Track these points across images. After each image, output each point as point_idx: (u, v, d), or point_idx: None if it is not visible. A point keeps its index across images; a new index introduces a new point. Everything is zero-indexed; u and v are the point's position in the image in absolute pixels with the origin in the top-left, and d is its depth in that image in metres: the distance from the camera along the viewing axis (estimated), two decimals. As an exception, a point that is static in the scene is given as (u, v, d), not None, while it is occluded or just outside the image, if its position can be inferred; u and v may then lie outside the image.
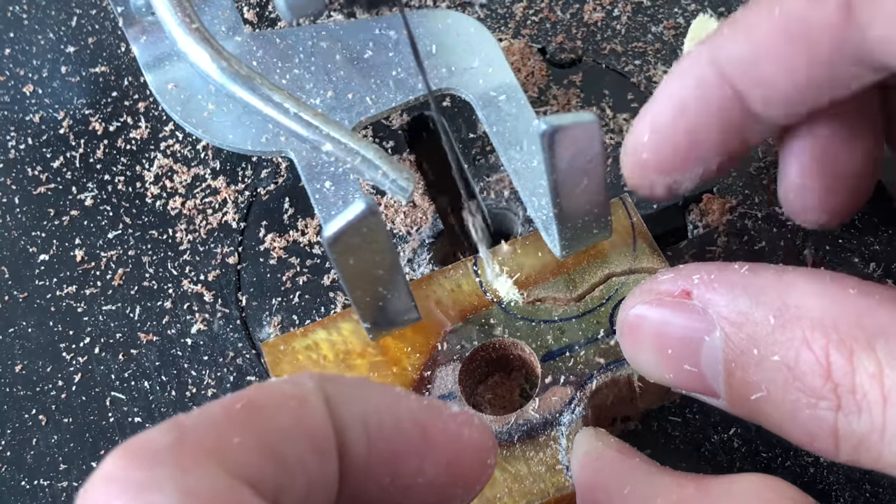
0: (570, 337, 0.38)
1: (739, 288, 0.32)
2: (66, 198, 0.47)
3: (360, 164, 0.36)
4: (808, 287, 0.31)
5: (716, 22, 0.48)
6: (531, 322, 0.38)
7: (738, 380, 0.32)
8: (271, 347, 0.39)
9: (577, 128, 0.32)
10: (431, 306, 0.39)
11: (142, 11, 0.43)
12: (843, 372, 0.29)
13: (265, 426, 0.27)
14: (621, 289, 0.38)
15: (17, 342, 0.44)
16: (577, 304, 0.38)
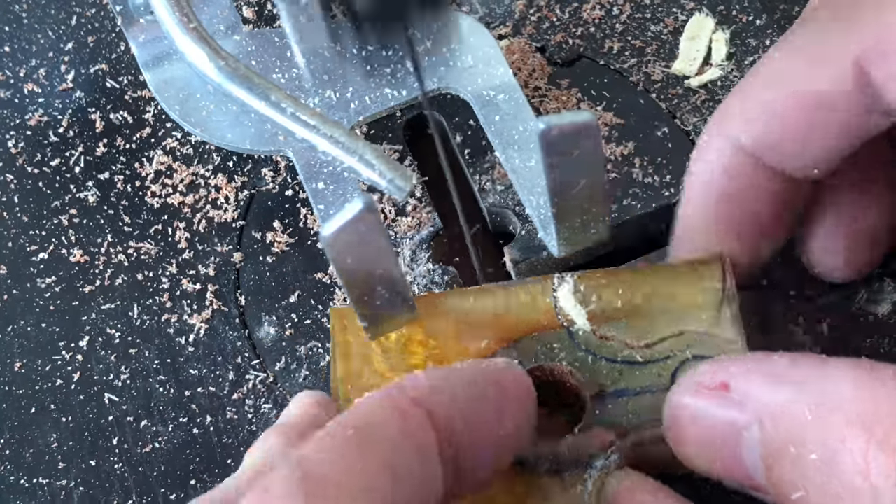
0: (627, 382, 0.36)
1: (777, 380, 0.31)
2: (65, 196, 0.47)
3: (357, 163, 0.36)
4: (846, 380, 0.30)
5: (712, 22, 0.48)
6: (594, 356, 0.37)
7: (777, 476, 0.31)
8: (339, 314, 0.38)
9: (575, 127, 0.32)
10: (501, 314, 0.38)
11: (141, 11, 0.43)
12: (883, 472, 0.28)
13: (379, 447, 0.28)
14: (692, 347, 0.37)
15: (17, 340, 0.44)
16: (643, 350, 0.37)
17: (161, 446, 0.41)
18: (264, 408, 0.41)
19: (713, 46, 0.48)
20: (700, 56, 0.47)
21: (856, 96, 0.31)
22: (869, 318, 0.40)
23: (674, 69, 0.47)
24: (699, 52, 0.47)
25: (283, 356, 0.43)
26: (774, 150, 0.35)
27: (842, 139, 0.33)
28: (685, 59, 0.47)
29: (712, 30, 0.48)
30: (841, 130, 0.33)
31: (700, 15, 0.48)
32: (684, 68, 0.47)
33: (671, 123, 0.46)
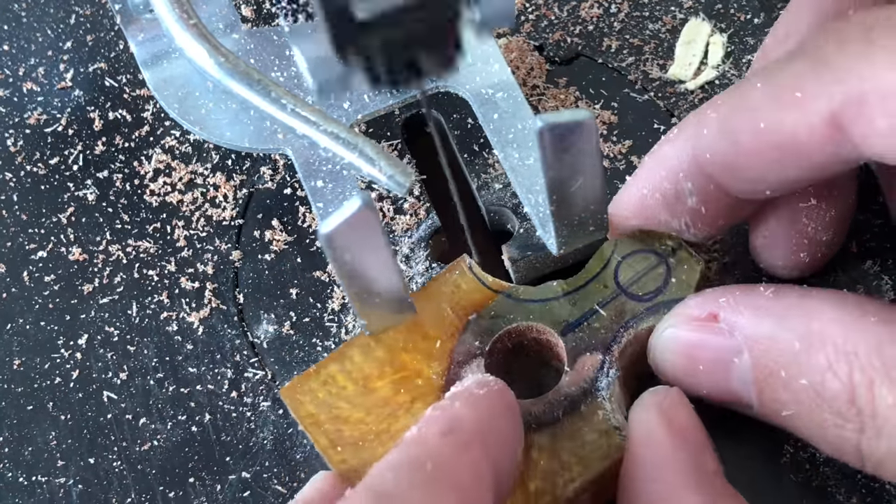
0: (581, 306, 0.38)
1: (764, 311, 0.34)
2: (64, 194, 0.47)
3: (357, 159, 0.36)
4: (831, 313, 0.32)
5: (708, 26, 0.48)
6: (539, 302, 0.39)
7: (768, 398, 0.33)
8: (289, 392, 0.38)
9: (573, 125, 0.33)
10: (436, 311, 0.39)
11: (140, 9, 0.43)
12: (865, 399, 0.31)
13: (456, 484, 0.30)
14: (618, 249, 0.39)
15: (15, 339, 0.44)
16: (578, 276, 0.39)
17: (160, 444, 0.41)
18: (263, 406, 0.41)
19: (710, 49, 0.48)
20: (696, 61, 0.47)
21: (826, 145, 0.31)
22: (866, 315, 0.40)
23: (669, 74, 0.47)
24: (695, 57, 0.47)
25: (282, 354, 0.43)
26: (730, 174, 0.35)
27: (800, 176, 0.33)
28: (681, 64, 0.47)
29: (709, 34, 0.48)
30: (803, 170, 0.33)
31: (696, 20, 0.48)
32: (680, 73, 0.47)
33: (669, 122, 0.46)
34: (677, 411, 0.35)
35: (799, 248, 0.38)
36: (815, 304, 0.33)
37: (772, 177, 0.34)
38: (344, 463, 0.36)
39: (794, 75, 0.31)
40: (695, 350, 0.35)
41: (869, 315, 0.32)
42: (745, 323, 0.34)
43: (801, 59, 0.31)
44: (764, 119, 0.32)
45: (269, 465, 0.40)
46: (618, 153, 0.45)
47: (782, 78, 0.32)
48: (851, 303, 0.32)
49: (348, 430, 0.37)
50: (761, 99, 0.32)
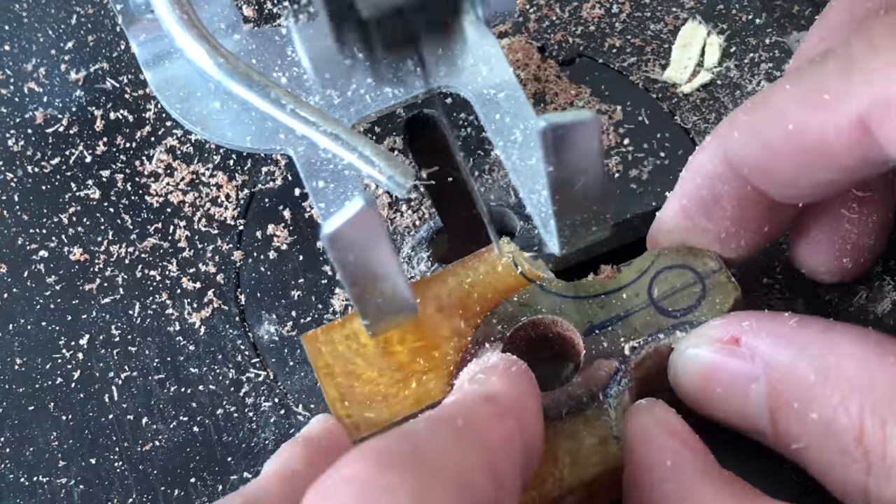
0: (609, 311, 0.38)
1: (785, 340, 0.33)
2: (65, 194, 0.47)
3: (358, 159, 0.36)
4: (851, 349, 0.32)
5: (705, 29, 0.48)
6: (570, 298, 0.38)
7: (781, 428, 0.33)
8: (311, 340, 0.39)
9: (576, 125, 0.32)
10: (466, 290, 0.39)
11: (141, 9, 0.43)
12: (876, 439, 0.30)
13: (487, 445, 0.29)
14: (660, 259, 0.38)
15: (17, 339, 0.44)
16: (614, 278, 0.39)
17: (161, 444, 0.41)
18: (264, 406, 0.41)
19: (707, 51, 0.48)
20: (692, 64, 0.47)
21: (854, 148, 0.31)
22: (869, 316, 0.40)
23: (665, 76, 0.47)
24: (690, 60, 0.47)
25: (283, 354, 0.43)
26: (763, 177, 0.35)
27: (832, 180, 0.33)
28: (676, 67, 0.47)
29: (705, 37, 0.48)
30: (833, 173, 0.33)
31: (693, 22, 0.48)
32: (675, 76, 0.47)
33: (670, 122, 0.46)
34: (670, 418, 0.35)
35: (842, 254, 0.38)
36: (836, 338, 0.32)
37: (803, 180, 0.34)
38: (348, 418, 0.37)
39: (823, 77, 0.31)
40: (714, 372, 0.35)
41: (889, 355, 0.31)
42: (765, 349, 0.34)
43: (830, 61, 0.31)
44: (792, 121, 0.32)
45: (270, 465, 0.40)
46: (619, 153, 0.45)
47: (811, 79, 0.32)
48: (873, 341, 0.32)
49: (359, 386, 0.37)
50: (790, 101, 0.32)
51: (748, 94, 0.47)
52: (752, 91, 0.47)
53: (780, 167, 0.34)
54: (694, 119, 0.46)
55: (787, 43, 0.48)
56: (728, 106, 0.46)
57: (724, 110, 0.46)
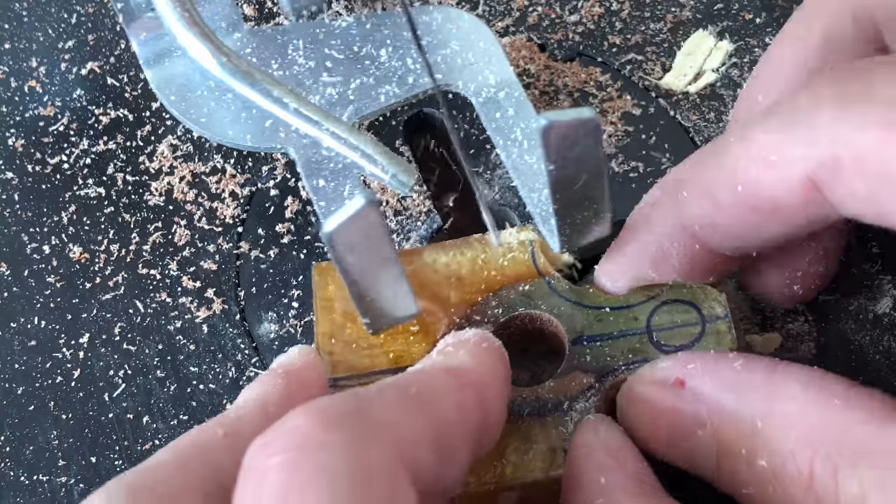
0: (604, 327, 0.37)
1: (729, 384, 0.33)
2: (65, 193, 0.47)
3: (360, 158, 0.36)
4: (796, 392, 0.31)
5: (713, 39, 0.48)
6: (573, 303, 0.38)
7: (728, 474, 0.32)
8: (322, 271, 0.39)
9: (576, 124, 0.32)
10: (478, 266, 0.39)
11: (142, 8, 0.43)
12: (826, 488, 0.29)
13: (437, 416, 0.29)
14: (669, 291, 0.38)
15: (17, 338, 0.44)
16: (620, 296, 0.38)
17: (161, 443, 0.41)
18: (265, 405, 0.41)
19: (712, 54, 0.48)
20: (692, 72, 0.47)
21: (806, 205, 0.31)
22: (868, 315, 0.40)
23: (664, 82, 0.47)
24: (691, 69, 0.47)
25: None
26: (713, 234, 0.34)
27: (784, 233, 0.33)
28: (677, 74, 0.47)
29: (712, 47, 0.48)
30: (785, 228, 0.33)
31: (703, 32, 0.48)
32: (673, 83, 0.47)
33: (671, 120, 0.46)
34: (613, 437, 0.34)
35: (793, 282, 0.38)
36: (781, 381, 0.32)
37: (755, 236, 0.33)
38: (330, 355, 0.38)
39: (770, 135, 0.31)
40: (659, 415, 0.34)
41: (835, 398, 0.30)
42: (710, 394, 0.33)
43: (776, 118, 0.31)
44: (742, 181, 0.32)
45: (270, 464, 0.40)
46: (619, 152, 0.45)
47: (758, 138, 0.31)
48: (817, 384, 0.31)
49: (350, 329, 0.38)
50: (738, 160, 0.32)
51: (748, 94, 0.47)
52: (752, 90, 0.47)
53: (730, 225, 0.33)
54: (694, 118, 0.46)
55: (786, 42, 0.48)
56: (728, 105, 0.46)
57: (724, 109, 0.46)
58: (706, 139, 0.46)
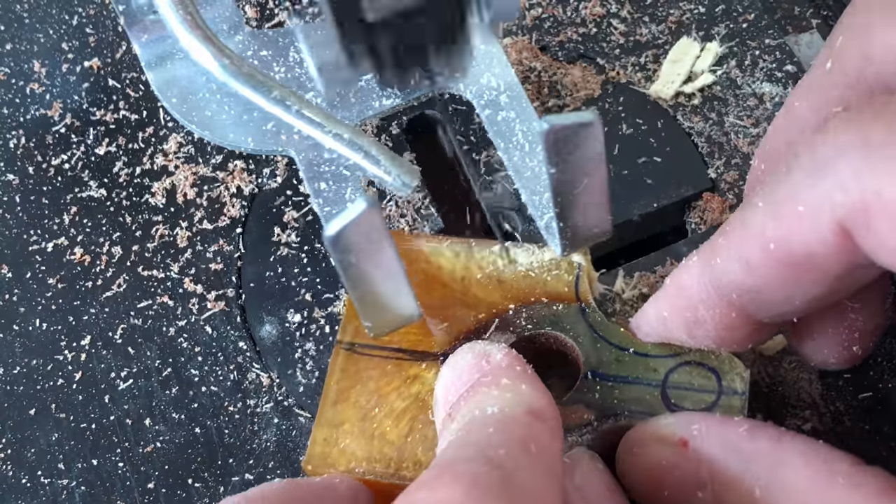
0: (622, 369, 0.37)
1: (733, 449, 0.32)
2: (67, 195, 0.47)
3: (362, 160, 0.36)
4: (799, 465, 0.31)
5: (698, 46, 0.48)
6: (598, 336, 0.38)
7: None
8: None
9: (577, 127, 0.32)
10: (521, 274, 0.39)
11: (143, 10, 0.43)
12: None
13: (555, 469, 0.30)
14: (694, 352, 0.37)
15: (18, 340, 0.44)
16: (646, 343, 0.37)
17: (163, 446, 0.41)
18: (265, 407, 0.41)
19: (702, 55, 0.48)
20: (679, 80, 0.47)
21: (841, 255, 0.30)
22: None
23: (651, 91, 0.47)
24: (679, 76, 0.47)
25: (285, 356, 0.43)
26: (751, 301, 0.33)
27: (823, 292, 0.32)
28: (664, 82, 0.47)
29: (697, 55, 0.48)
30: (824, 285, 0.31)
31: (687, 39, 0.48)
32: (661, 90, 0.47)
33: (672, 123, 0.46)
34: (592, 477, 0.35)
35: (851, 343, 0.37)
36: (786, 452, 0.31)
37: (795, 297, 0.32)
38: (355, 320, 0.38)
39: (794, 188, 0.30)
40: (660, 472, 0.34)
41: (838, 476, 0.30)
42: (713, 457, 0.33)
43: (797, 171, 0.30)
44: (772, 239, 0.31)
45: (272, 466, 0.40)
46: (620, 154, 0.45)
47: (783, 193, 0.30)
48: (822, 458, 0.31)
49: None
50: (766, 219, 0.31)
51: (748, 95, 0.47)
52: (751, 91, 0.47)
53: (767, 288, 0.32)
54: (695, 119, 0.46)
55: (787, 43, 0.48)
56: (729, 105, 0.46)
57: (725, 110, 0.46)
58: (707, 141, 0.46)
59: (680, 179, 0.45)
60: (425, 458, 0.36)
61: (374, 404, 0.38)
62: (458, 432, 0.32)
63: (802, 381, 0.40)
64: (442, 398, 0.35)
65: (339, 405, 0.38)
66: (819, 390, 0.40)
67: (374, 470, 0.36)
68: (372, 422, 0.37)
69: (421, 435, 0.37)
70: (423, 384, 0.38)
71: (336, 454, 0.37)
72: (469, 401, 0.33)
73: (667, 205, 0.44)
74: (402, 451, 0.37)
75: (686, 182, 0.45)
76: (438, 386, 0.36)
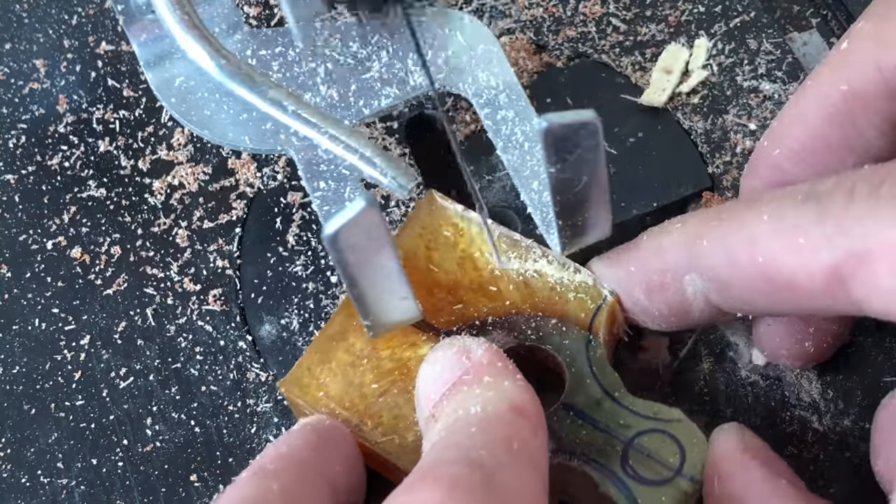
0: (596, 411, 0.36)
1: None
2: (66, 195, 0.47)
3: (359, 161, 0.36)
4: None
5: (687, 52, 0.48)
6: (590, 371, 0.37)
7: None
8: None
9: (577, 126, 0.33)
10: (549, 284, 0.39)
11: (142, 10, 0.43)
12: None
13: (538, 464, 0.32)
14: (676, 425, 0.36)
15: (18, 339, 0.44)
16: (632, 397, 0.37)
17: (162, 445, 0.41)
18: (265, 407, 0.41)
19: (694, 53, 0.48)
20: (670, 87, 0.47)
21: (825, 294, 0.30)
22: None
23: (642, 99, 0.47)
24: (669, 84, 0.47)
25: (285, 355, 0.43)
26: (720, 291, 0.34)
27: (789, 311, 0.33)
28: (655, 90, 0.47)
29: (687, 60, 0.48)
30: (791, 307, 0.33)
31: (675, 45, 0.48)
32: (653, 99, 0.47)
33: (671, 122, 0.46)
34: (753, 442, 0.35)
35: (804, 338, 0.38)
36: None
37: (762, 306, 0.33)
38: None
39: (800, 219, 0.31)
40: None
41: None
42: None
43: (809, 204, 0.31)
44: (763, 253, 0.32)
45: (271, 466, 0.40)
46: (620, 153, 0.45)
47: (789, 218, 0.31)
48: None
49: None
50: (764, 233, 0.32)
51: (748, 94, 0.47)
52: (751, 90, 0.47)
53: (741, 289, 0.33)
54: (695, 118, 0.46)
55: (787, 43, 0.48)
56: (728, 104, 0.46)
57: (724, 109, 0.46)
58: (706, 139, 0.46)
59: (680, 179, 0.45)
60: (388, 421, 0.37)
61: (366, 355, 0.38)
62: (441, 433, 0.32)
63: (802, 381, 0.40)
64: (423, 396, 0.35)
65: (334, 342, 0.39)
66: (819, 390, 0.40)
67: (339, 414, 0.37)
68: (357, 369, 0.38)
69: (393, 400, 0.37)
70: (414, 354, 0.38)
71: (313, 386, 0.38)
72: (452, 400, 0.33)
73: (666, 204, 0.44)
74: (371, 408, 0.37)
75: (686, 181, 0.45)
76: (420, 381, 0.36)
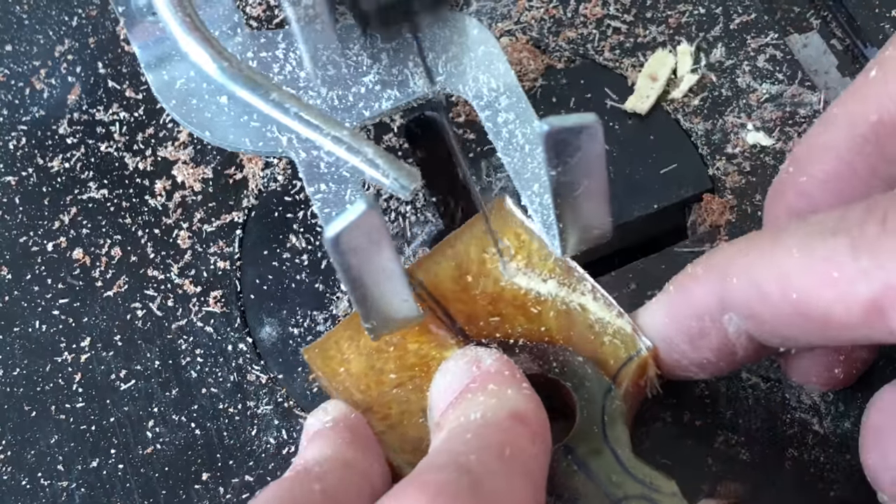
0: (594, 461, 0.36)
1: None
2: (66, 197, 0.47)
3: (361, 162, 0.36)
4: None
5: (674, 58, 0.48)
6: (600, 418, 0.37)
7: None
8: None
9: (579, 129, 0.32)
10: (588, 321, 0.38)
11: (143, 12, 0.43)
12: None
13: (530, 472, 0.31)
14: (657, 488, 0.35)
15: (18, 342, 0.44)
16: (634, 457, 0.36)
17: (162, 447, 0.41)
18: (265, 409, 0.41)
19: (679, 59, 0.48)
20: (654, 94, 0.47)
21: (862, 327, 0.30)
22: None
23: (626, 105, 0.47)
24: (653, 91, 0.47)
25: (285, 357, 0.43)
26: (758, 327, 0.34)
27: (824, 342, 0.33)
28: (639, 96, 0.47)
29: (673, 66, 0.48)
30: (827, 339, 0.32)
31: (663, 51, 0.48)
32: (636, 105, 0.47)
33: (671, 123, 0.46)
34: None
35: (834, 365, 0.37)
36: None
37: (801, 340, 0.33)
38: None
39: (832, 251, 0.30)
40: None
41: None
42: None
43: (841, 236, 0.30)
44: (797, 289, 0.31)
45: (272, 468, 0.40)
46: (620, 155, 0.45)
47: (819, 251, 0.30)
48: None
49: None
50: (796, 268, 0.31)
51: (747, 95, 0.47)
52: (751, 91, 0.47)
53: (777, 325, 0.32)
54: (695, 120, 0.46)
55: (787, 44, 0.48)
56: (729, 106, 0.46)
57: (725, 110, 0.46)
58: (706, 141, 0.46)
59: (680, 180, 0.45)
60: (395, 415, 0.37)
61: (394, 343, 0.38)
62: (442, 440, 0.32)
63: (803, 383, 0.40)
64: (434, 405, 0.35)
65: None
66: (819, 392, 0.40)
67: (352, 394, 0.38)
68: (381, 354, 0.38)
69: (406, 394, 0.37)
70: (440, 355, 0.38)
71: (336, 360, 0.38)
72: (456, 408, 0.33)
73: (667, 206, 0.44)
74: (383, 397, 0.37)
75: (686, 183, 0.45)
76: (432, 390, 0.36)
